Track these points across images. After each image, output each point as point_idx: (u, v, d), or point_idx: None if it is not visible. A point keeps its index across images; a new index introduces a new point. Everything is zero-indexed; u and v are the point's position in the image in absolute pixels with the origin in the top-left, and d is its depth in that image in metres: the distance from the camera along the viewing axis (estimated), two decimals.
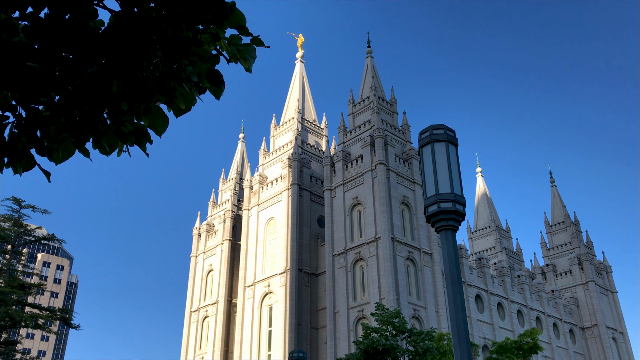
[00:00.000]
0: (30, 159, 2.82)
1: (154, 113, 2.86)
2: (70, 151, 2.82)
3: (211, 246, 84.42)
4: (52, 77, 2.55)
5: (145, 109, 2.80)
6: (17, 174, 2.85)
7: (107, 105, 2.64)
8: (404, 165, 69.39)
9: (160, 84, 2.68)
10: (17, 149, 2.74)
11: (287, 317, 67.12)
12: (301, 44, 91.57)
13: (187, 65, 2.68)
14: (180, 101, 2.79)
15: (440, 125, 10.58)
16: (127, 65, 2.50)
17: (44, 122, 2.68)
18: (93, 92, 2.54)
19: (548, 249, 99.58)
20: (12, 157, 2.78)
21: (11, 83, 2.52)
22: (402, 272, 61.99)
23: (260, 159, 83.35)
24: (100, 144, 2.78)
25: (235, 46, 2.89)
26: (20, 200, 33.55)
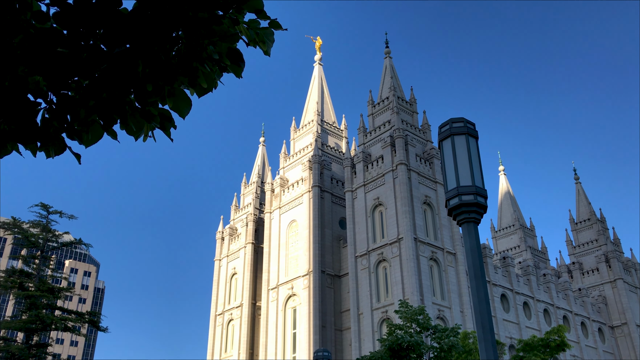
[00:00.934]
0: (62, 142, 2.95)
1: (178, 95, 2.96)
2: (99, 134, 2.95)
3: (234, 250, 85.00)
4: (81, 62, 2.67)
5: (169, 91, 2.91)
6: (49, 157, 2.98)
7: (133, 87, 2.75)
8: (425, 165, 69.02)
9: (183, 65, 2.78)
10: (49, 133, 2.87)
11: (311, 319, 67.20)
12: (319, 47, 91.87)
13: (209, 44, 2.77)
14: (203, 80, 2.89)
15: (460, 119, 10.57)
16: (151, 46, 2.61)
17: (73, 106, 2.80)
18: (119, 74, 2.65)
19: (574, 246, 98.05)
20: (44, 141, 2.91)
21: (43, 68, 2.65)
22: (425, 273, 61.60)
23: (280, 162, 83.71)
24: (127, 125, 2.90)
25: (253, 30, 2.98)
26: (48, 206, 34.34)
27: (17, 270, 33.37)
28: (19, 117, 2.73)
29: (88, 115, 2.85)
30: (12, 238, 39.49)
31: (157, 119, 3.00)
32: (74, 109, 2.83)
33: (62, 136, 2.95)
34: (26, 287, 32.48)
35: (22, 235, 33.45)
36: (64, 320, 31.46)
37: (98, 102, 2.80)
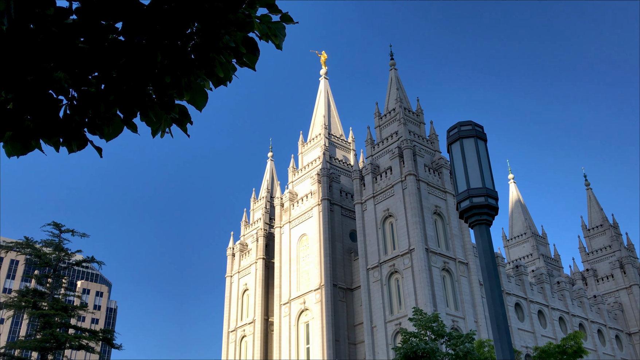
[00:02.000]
0: (83, 137, 3.04)
1: (195, 89, 3.05)
2: (119, 127, 3.03)
3: (245, 265, 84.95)
4: (101, 57, 2.77)
5: (186, 84, 2.99)
6: (71, 152, 3.07)
7: (151, 79, 2.84)
8: (434, 175, 68.92)
9: (200, 55, 2.87)
10: (71, 128, 2.96)
11: (324, 333, 66.82)
12: (324, 61, 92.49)
13: (225, 34, 2.86)
14: (219, 70, 2.97)
15: (468, 122, 10.61)
16: (169, 37, 2.70)
17: (94, 101, 2.89)
18: (139, 67, 2.74)
19: (587, 253, 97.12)
20: (66, 136, 2.99)
21: (65, 64, 2.74)
22: (438, 283, 61.18)
23: (289, 176, 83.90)
24: (147, 116, 2.98)
25: (266, 24, 3.07)
26: (60, 225, 34.60)
27: (30, 290, 33.56)
28: (43, 112, 2.82)
29: (108, 110, 2.94)
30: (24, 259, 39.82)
31: (176, 109, 3.08)
32: (94, 104, 2.92)
33: (84, 131, 3.04)
34: (40, 306, 32.63)
35: (34, 254, 33.69)
36: (78, 338, 31.52)
37: (118, 96, 2.89)
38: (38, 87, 2.72)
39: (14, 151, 2.98)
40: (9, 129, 2.87)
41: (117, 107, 2.94)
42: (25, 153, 3.02)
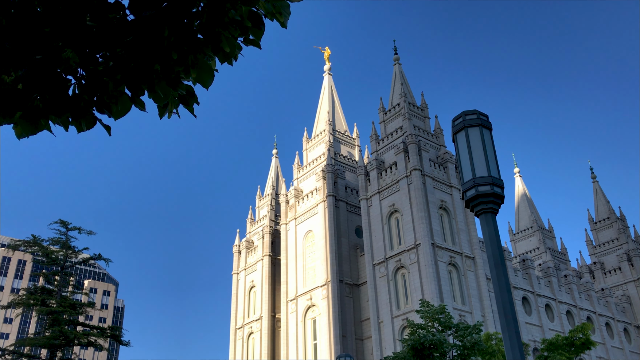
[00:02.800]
0: (92, 116, 3.07)
1: (201, 66, 3.08)
2: (127, 106, 3.07)
3: (252, 262, 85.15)
4: (108, 35, 2.80)
5: (193, 62, 3.02)
6: (80, 131, 3.10)
7: (159, 56, 2.86)
8: (439, 170, 68.81)
9: (207, 31, 2.89)
10: (80, 107, 2.99)
11: (331, 329, 66.94)
12: (328, 57, 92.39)
13: (230, 9, 2.88)
14: (225, 45, 3.00)
15: (473, 111, 10.61)
16: (175, 11, 2.72)
17: (102, 79, 2.92)
18: (146, 43, 2.77)
19: (594, 246, 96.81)
20: (75, 115, 3.03)
21: (73, 42, 2.77)
22: (444, 278, 61.15)
23: (294, 173, 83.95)
24: (155, 92, 3.01)
25: (270, 2, 3.09)
26: (67, 223, 34.79)
27: (38, 287, 33.76)
28: (52, 91, 2.85)
29: (116, 87, 2.97)
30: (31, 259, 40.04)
31: (183, 86, 3.11)
32: (102, 83, 2.96)
33: (92, 110, 3.08)
34: (48, 304, 32.85)
35: (42, 252, 33.93)
36: (86, 335, 31.72)
37: (125, 74, 2.92)
38: (47, 66, 2.75)
39: (24, 131, 3.02)
40: (19, 108, 2.91)
41: (124, 84, 2.97)
42: (35, 132, 3.05)
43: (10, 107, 2.90)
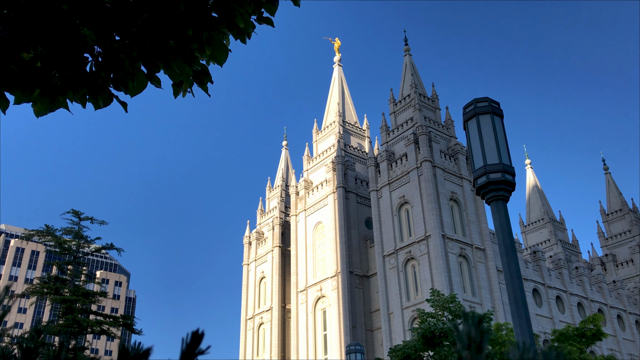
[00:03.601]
0: (109, 93, 3.12)
1: (216, 43, 3.12)
2: (143, 83, 3.11)
3: (262, 254, 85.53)
4: (125, 12, 2.84)
5: (208, 39, 3.06)
6: (98, 108, 3.16)
7: (174, 33, 2.91)
8: (450, 161, 68.55)
9: (221, 7, 2.93)
10: (97, 84, 3.05)
11: (341, 320, 67.19)
12: (338, 48, 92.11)
13: None
14: (240, 20, 3.03)
15: (484, 98, 10.58)
16: None
17: (118, 56, 2.97)
18: (161, 20, 2.81)
19: (606, 238, 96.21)
20: (92, 92, 3.08)
21: (91, 20, 2.82)
22: (455, 270, 61.08)
23: (304, 164, 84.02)
24: (170, 67, 3.06)
25: None
26: (79, 213, 35.23)
27: (52, 277, 34.26)
28: (70, 67, 2.90)
29: (132, 64, 3.02)
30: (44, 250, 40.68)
31: (198, 62, 3.15)
32: (119, 60, 3.00)
33: (109, 87, 3.13)
34: (62, 292, 33.33)
35: (55, 242, 34.41)
36: (99, 323, 32.20)
37: (141, 51, 2.97)
38: (65, 42, 2.80)
39: (42, 108, 3.07)
40: (38, 85, 2.97)
41: (140, 61, 3.02)
42: (54, 110, 3.10)
43: (30, 85, 2.95)
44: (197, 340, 0.76)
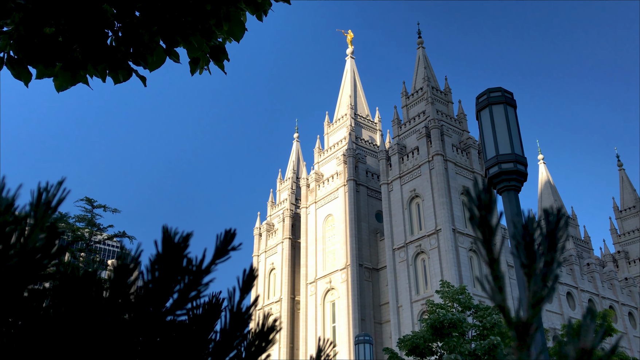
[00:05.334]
0: (128, 67, 3.19)
1: (233, 19, 3.17)
2: (162, 57, 3.18)
3: (272, 245, 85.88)
4: None
5: (225, 14, 3.12)
6: (117, 83, 3.23)
7: (192, 7, 2.96)
8: (462, 155, 68.26)
9: None
10: (117, 59, 3.12)
11: (350, 312, 67.38)
12: (351, 40, 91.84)
13: None
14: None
15: (498, 88, 10.56)
16: None
17: (137, 31, 3.04)
18: None
19: (618, 235, 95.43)
20: (112, 66, 3.15)
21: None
22: (465, 264, 60.99)
23: (315, 157, 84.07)
24: (189, 42, 3.12)
25: None
26: (92, 200, 35.67)
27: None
28: (91, 41, 2.97)
29: (152, 39, 3.08)
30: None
31: (216, 36, 3.21)
32: (138, 35, 3.07)
33: (129, 63, 3.19)
34: None
35: (69, 229, 34.85)
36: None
37: (161, 25, 3.03)
38: (87, 17, 2.87)
39: (64, 82, 3.14)
40: (60, 60, 3.04)
41: (159, 36, 3.08)
42: (75, 84, 3.18)
43: (51, 59, 3.03)
44: (231, 237, 0.84)
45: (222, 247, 0.83)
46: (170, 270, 0.74)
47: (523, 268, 0.58)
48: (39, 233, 0.65)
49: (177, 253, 0.75)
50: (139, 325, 0.72)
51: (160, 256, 0.76)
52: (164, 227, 0.77)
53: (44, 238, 0.65)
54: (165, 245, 0.76)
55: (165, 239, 0.76)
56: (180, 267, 0.75)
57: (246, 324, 0.84)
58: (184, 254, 0.76)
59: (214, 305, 0.81)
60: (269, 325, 0.87)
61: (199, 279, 0.78)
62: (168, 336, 0.74)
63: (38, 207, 0.67)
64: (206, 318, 0.80)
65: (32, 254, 0.64)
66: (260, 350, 0.83)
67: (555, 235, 0.50)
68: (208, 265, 0.79)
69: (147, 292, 0.75)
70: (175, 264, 0.75)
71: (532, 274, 0.56)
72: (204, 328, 0.79)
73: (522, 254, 0.56)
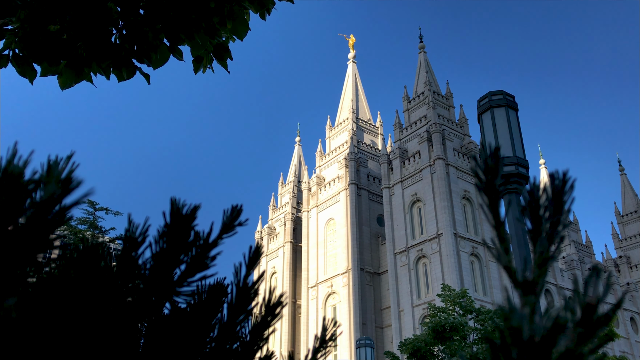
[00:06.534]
0: (132, 65, 3.22)
1: (237, 17, 3.20)
2: (166, 55, 3.20)
3: (273, 249, 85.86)
4: None
5: (229, 12, 3.14)
6: (121, 80, 3.25)
7: (196, 5, 2.99)
8: (463, 159, 68.28)
9: None
10: (121, 56, 3.14)
11: (351, 316, 67.30)
12: (352, 45, 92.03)
13: None
14: None
15: (499, 91, 10.59)
16: None
17: (142, 29, 3.06)
18: None
19: (620, 240, 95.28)
20: (116, 64, 3.18)
21: None
22: (466, 268, 60.92)
23: (317, 160, 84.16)
24: (193, 39, 3.14)
25: None
26: (94, 203, 35.68)
27: None
28: (95, 38, 3.00)
29: (156, 37, 3.11)
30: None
31: (220, 33, 3.23)
32: (142, 33, 3.09)
33: (133, 60, 3.22)
34: None
35: (71, 232, 34.90)
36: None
37: (165, 23, 3.06)
38: (91, 15, 2.89)
39: (68, 80, 3.17)
40: (64, 57, 3.07)
41: (164, 34, 3.10)
42: (79, 81, 3.20)
43: (56, 56, 3.05)
44: (237, 213, 0.84)
45: (229, 222, 0.83)
46: (179, 240, 0.75)
47: (529, 233, 0.61)
48: (54, 186, 0.64)
49: (185, 224, 0.76)
50: (149, 294, 0.73)
51: (169, 226, 0.76)
52: (172, 198, 0.77)
53: (60, 189, 0.64)
54: (174, 217, 0.76)
55: (173, 210, 0.76)
56: (188, 239, 0.75)
57: (252, 298, 0.85)
58: (192, 225, 0.76)
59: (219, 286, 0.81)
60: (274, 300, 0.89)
61: (206, 251, 0.78)
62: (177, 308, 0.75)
63: (50, 166, 0.67)
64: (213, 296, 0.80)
65: (49, 204, 0.64)
66: (265, 324, 0.86)
67: (561, 197, 0.52)
68: (215, 239, 0.80)
69: (156, 261, 0.75)
70: (183, 235, 0.75)
71: (538, 236, 0.59)
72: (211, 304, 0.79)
73: (528, 218, 0.60)
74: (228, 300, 0.82)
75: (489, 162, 0.53)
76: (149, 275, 0.73)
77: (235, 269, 0.84)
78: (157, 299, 0.73)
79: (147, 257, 0.75)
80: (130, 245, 0.76)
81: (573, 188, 0.52)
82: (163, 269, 0.74)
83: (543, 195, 0.59)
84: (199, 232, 0.77)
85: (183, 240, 0.75)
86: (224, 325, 0.80)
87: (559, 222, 0.59)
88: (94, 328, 0.65)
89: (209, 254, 0.78)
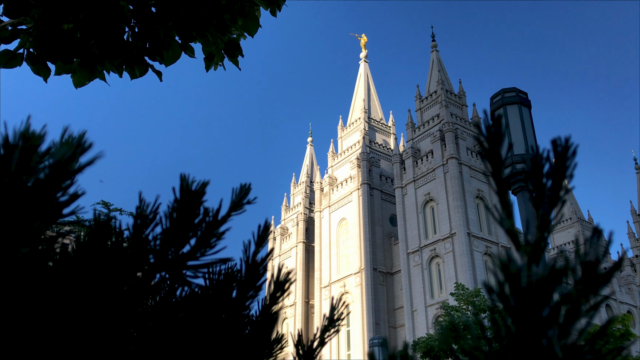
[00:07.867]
0: (144, 63, 3.25)
1: (248, 14, 3.22)
2: (177, 52, 3.23)
3: (286, 249, 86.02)
4: None
5: (240, 9, 3.16)
6: (134, 78, 3.29)
7: (208, 1, 3.01)
8: (476, 158, 67.85)
9: None
10: (134, 54, 3.18)
11: (364, 316, 67.21)
12: (364, 44, 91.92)
13: None
14: None
15: (512, 88, 10.54)
16: None
17: (154, 26, 3.09)
18: None
19: (636, 239, 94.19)
20: (129, 62, 3.22)
21: None
22: (480, 268, 60.58)
23: (329, 160, 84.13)
24: (204, 36, 3.17)
25: None
26: (109, 204, 35.93)
27: None
28: (108, 36, 3.03)
29: (167, 34, 3.14)
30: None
31: (231, 30, 3.26)
32: (154, 30, 3.13)
33: (145, 58, 3.25)
34: None
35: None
36: None
37: (177, 21, 3.09)
38: (104, 13, 2.93)
39: (81, 79, 3.21)
40: (77, 56, 3.11)
41: (175, 31, 3.14)
42: (92, 79, 3.24)
43: (70, 55, 3.09)
44: (246, 191, 0.84)
45: (238, 200, 0.83)
46: (189, 215, 0.74)
47: (532, 200, 0.61)
48: (65, 148, 0.63)
49: (194, 199, 0.75)
50: (159, 267, 0.73)
51: (179, 202, 0.75)
52: (181, 174, 0.77)
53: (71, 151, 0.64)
54: (183, 192, 0.76)
55: (183, 186, 0.76)
56: (197, 214, 0.75)
57: (261, 275, 0.85)
58: (201, 201, 0.76)
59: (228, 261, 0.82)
60: (283, 276, 0.89)
61: (216, 227, 0.78)
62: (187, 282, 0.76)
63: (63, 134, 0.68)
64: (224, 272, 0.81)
65: (61, 166, 0.63)
66: (274, 300, 0.86)
67: (564, 162, 0.53)
68: (225, 216, 0.79)
69: (166, 236, 0.75)
70: (193, 210, 0.74)
71: (540, 200, 0.59)
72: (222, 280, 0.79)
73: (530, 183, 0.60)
74: (238, 277, 0.82)
75: (492, 129, 0.53)
76: (159, 249, 0.73)
77: (245, 246, 0.85)
78: (168, 272, 0.73)
79: (158, 233, 0.75)
80: (141, 222, 0.76)
81: (575, 154, 0.53)
82: (173, 243, 0.74)
83: (547, 164, 0.60)
84: (208, 208, 0.77)
85: (193, 215, 0.75)
86: (233, 300, 0.80)
87: (560, 186, 0.59)
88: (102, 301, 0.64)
89: (218, 230, 0.77)
